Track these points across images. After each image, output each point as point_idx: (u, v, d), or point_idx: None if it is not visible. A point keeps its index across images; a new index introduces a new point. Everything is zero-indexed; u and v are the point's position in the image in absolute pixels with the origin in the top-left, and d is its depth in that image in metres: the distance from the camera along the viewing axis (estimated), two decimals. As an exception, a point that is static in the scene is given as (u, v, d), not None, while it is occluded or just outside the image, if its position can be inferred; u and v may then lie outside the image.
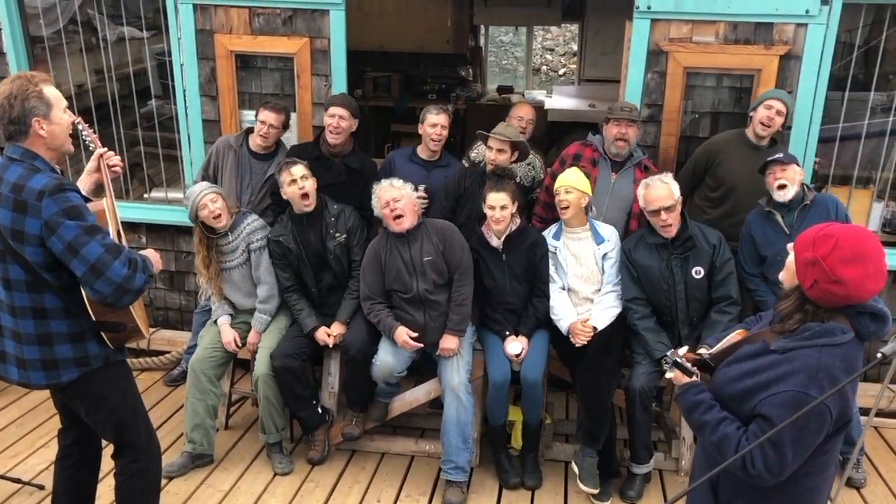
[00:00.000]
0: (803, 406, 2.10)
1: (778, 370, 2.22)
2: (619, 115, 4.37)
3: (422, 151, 4.76)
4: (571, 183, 4.18)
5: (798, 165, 4.16)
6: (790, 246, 2.36)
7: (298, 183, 4.22)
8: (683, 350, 2.61)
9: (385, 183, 4.24)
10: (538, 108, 8.41)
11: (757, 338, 2.41)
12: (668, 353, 2.58)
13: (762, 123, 4.33)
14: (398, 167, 4.72)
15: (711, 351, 2.61)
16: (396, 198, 4.16)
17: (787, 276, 2.36)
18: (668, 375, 2.60)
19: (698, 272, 4.09)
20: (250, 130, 4.79)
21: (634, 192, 4.39)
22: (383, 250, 4.27)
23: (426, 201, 4.58)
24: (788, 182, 4.07)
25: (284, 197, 4.32)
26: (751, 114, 4.43)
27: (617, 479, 4.23)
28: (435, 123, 4.63)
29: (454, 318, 4.22)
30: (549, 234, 4.36)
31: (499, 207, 4.11)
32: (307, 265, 4.39)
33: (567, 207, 4.17)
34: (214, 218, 4.24)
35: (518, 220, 4.26)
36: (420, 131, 4.72)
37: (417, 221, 4.23)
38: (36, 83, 2.77)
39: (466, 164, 5.00)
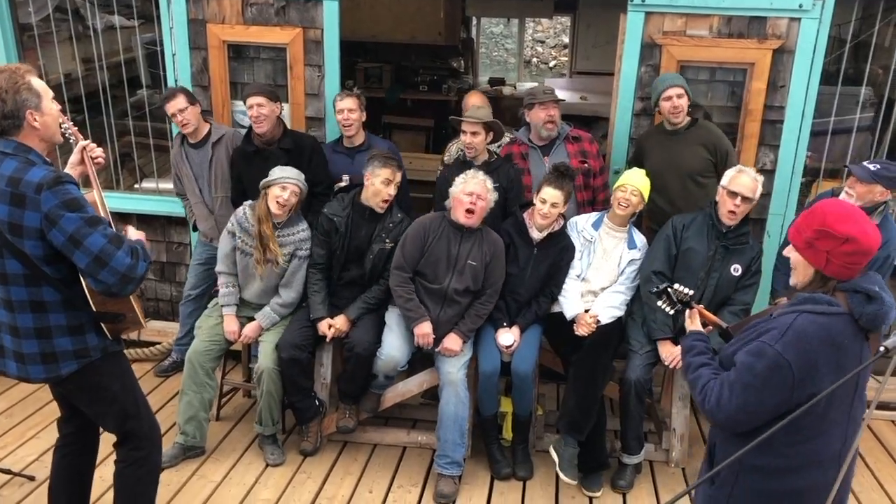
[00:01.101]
0: (763, 354, 2.27)
1: (760, 329, 2.36)
2: (542, 98, 4.46)
3: (344, 140, 4.78)
4: (639, 186, 4.18)
5: (885, 188, 3.84)
6: (787, 250, 2.44)
7: (390, 189, 4.23)
8: (696, 306, 2.88)
9: (481, 177, 4.15)
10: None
11: (767, 312, 2.53)
12: (677, 287, 2.93)
13: (671, 114, 4.41)
14: (328, 160, 4.74)
15: (732, 324, 2.82)
16: (481, 195, 4.10)
17: (797, 276, 2.43)
18: (671, 311, 2.97)
19: (736, 269, 4.09)
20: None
21: (572, 164, 4.42)
22: (434, 233, 4.21)
23: (350, 187, 4.56)
24: (857, 196, 3.84)
25: (366, 183, 4.28)
26: (656, 109, 4.52)
27: (606, 469, 4.26)
28: (341, 109, 4.62)
29: (468, 323, 4.22)
30: (588, 220, 4.36)
31: (550, 203, 4.11)
32: (343, 253, 4.36)
33: (627, 207, 4.18)
34: (279, 204, 4.23)
35: (562, 222, 4.28)
36: None
37: (479, 224, 4.20)
38: (23, 74, 2.74)
39: (446, 160, 5.02)
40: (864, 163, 3.91)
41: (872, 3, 4.70)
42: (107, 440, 3.31)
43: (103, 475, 3.65)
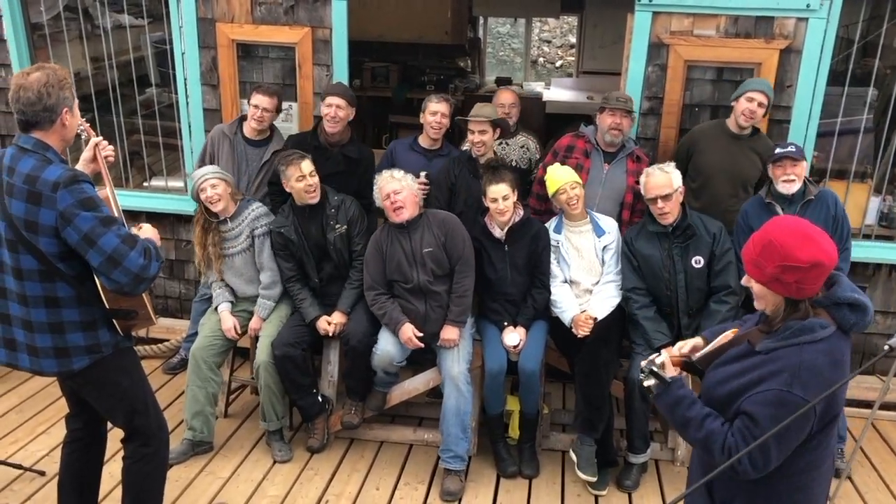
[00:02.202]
0: (785, 403, 2.14)
1: (762, 370, 2.23)
2: (615, 104, 4.40)
3: (423, 140, 4.78)
4: (573, 178, 4.22)
5: (806, 161, 4.18)
6: (745, 279, 2.34)
7: (308, 179, 4.24)
8: (664, 357, 2.50)
9: (386, 174, 4.25)
10: (535, 98, 8.46)
11: (742, 340, 2.40)
12: (644, 364, 2.49)
13: (744, 115, 4.37)
14: (399, 156, 4.74)
15: (699, 354, 2.55)
16: (397, 190, 4.18)
17: (766, 305, 2.32)
18: (647, 384, 2.49)
19: (698, 261, 4.12)
20: (244, 118, 4.80)
21: (627, 182, 4.43)
22: (385, 241, 4.29)
23: (427, 188, 4.58)
24: (797, 177, 4.10)
25: (288, 189, 4.32)
26: (733, 103, 4.45)
27: (614, 468, 4.27)
28: (435, 111, 4.64)
29: (455, 309, 4.24)
30: (549, 227, 4.38)
31: (500, 198, 4.14)
32: (309, 256, 4.41)
33: (577, 202, 4.21)
34: (211, 203, 4.27)
35: (521, 211, 4.29)
36: (421, 120, 4.73)
37: (419, 212, 4.25)
38: (66, 75, 2.83)
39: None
40: (779, 149, 4.12)
41: (881, 4, 4.70)
42: (116, 437, 3.34)
43: (112, 471, 3.68)
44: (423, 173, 4.60)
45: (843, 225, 4.22)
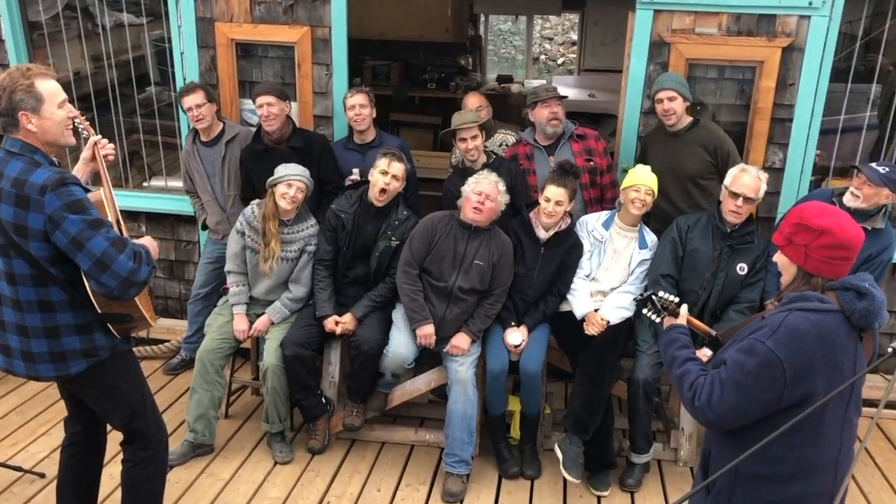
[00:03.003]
0: (755, 352, 2.24)
1: (751, 329, 2.35)
2: (545, 95, 4.47)
3: (356, 136, 4.78)
4: (651, 184, 4.15)
5: (888, 191, 3.84)
6: (776, 256, 2.46)
7: (386, 178, 4.21)
8: (684, 309, 2.82)
9: (494, 178, 4.14)
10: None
11: (757, 317, 2.50)
12: (660, 296, 2.83)
13: (663, 116, 4.40)
14: (339, 157, 4.75)
15: (722, 330, 2.76)
16: (490, 196, 4.08)
17: (785, 275, 2.44)
18: (647, 313, 2.88)
19: (742, 268, 4.07)
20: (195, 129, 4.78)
21: (578, 163, 4.41)
22: (442, 230, 4.21)
23: (359, 183, 4.54)
24: (864, 198, 3.86)
25: (370, 178, 4.29)
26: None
27: (614, 469, 4.25)
28: (352, 105, 4.63)
29: (477, 323, 4.22)
30: (598, 220, 4.34)
31: (554, 202, 4.09)
32: (349, 249, 4.37)
33: (642, 207, 4.16)
34: (287, 201, 4.25)
35: (569, 220, 4.27)
36: None
37: (488, 224, 4.19)
38: (28, 76, 2.74)
39: (454, 161, 5.01)
40: (873, 164, 3.88)
41: (883, 1, 4.67)
42: (115, 439, 3.33)
43: (113, 473, 3.66)
44: (355, 170, 4.63)
45: (883, 268, 4.03)
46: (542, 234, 4.24)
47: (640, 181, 4.16)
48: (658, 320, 2.87)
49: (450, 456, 4.18)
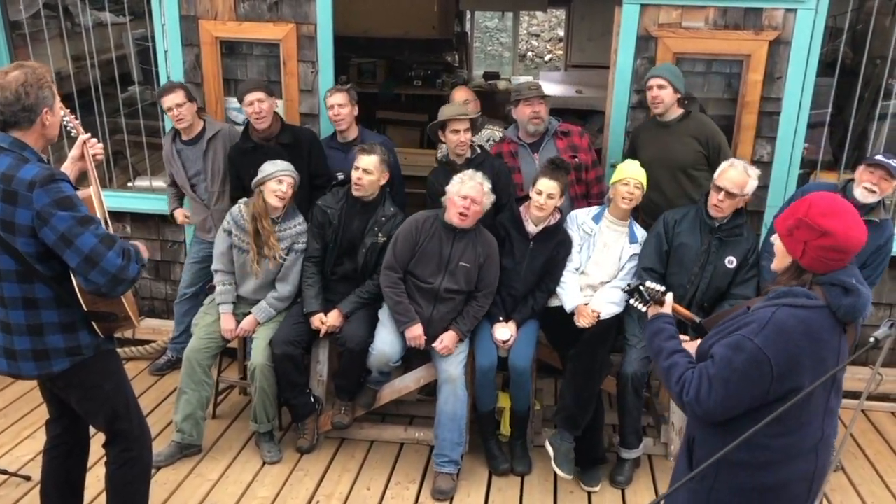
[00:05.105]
0: (743, 349, 2.25)
1: (739, 323, 2.35)
2: (527, 94, 4.46)
3: (339, 135, 4.76)
4: (640, 178, 4.14)
5: None
6: (774, 236, 2.44)
7: (357, 173, 4.21)
8: (669, 297, 2.83)
9: (479, 178, 4.08)
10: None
11: (743, 307, 2.51)
12: (647, 286, 2.84)
13: (651, 104, 4.41)
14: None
15: (707, 318, 2.81)
16: (476, 199, 4.03)
17: (777, 262, 2.44)
18: (633, 303, 2.88)
19: (731, 262, 4.06)
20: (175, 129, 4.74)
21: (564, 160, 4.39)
22: (426, 232, 4.17)
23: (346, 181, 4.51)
24: (880, 192, 3.85)
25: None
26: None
27: (604, 464, 4.24)
28: (331, 105, 4.61)
29: (466, 322, 4.20)
30: (588, 214, 4.33)
31: (546, 195, 4.07)
32: (336, 246, 4.35)
33: (631, 201, 4.14)
34: (278, 198, 4.21)
35: (559, 215, 4.25)
36: None
37: (473, 224, 4.16)
38: (45, 73, 2.77)
39: (440, 156, 4.98)
40: (880, 157, 3.87)
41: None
42: (99, 441, 3.28)
43: (100, 475, 3.61)
44: (339, 175, 4.61)
45: (882, 262, 4.05)
46: (532, 229, 4.22)
47: (629, 175, 4.14)
48: (644, 310, 2.88)
49: (439, 456, 4.16)
